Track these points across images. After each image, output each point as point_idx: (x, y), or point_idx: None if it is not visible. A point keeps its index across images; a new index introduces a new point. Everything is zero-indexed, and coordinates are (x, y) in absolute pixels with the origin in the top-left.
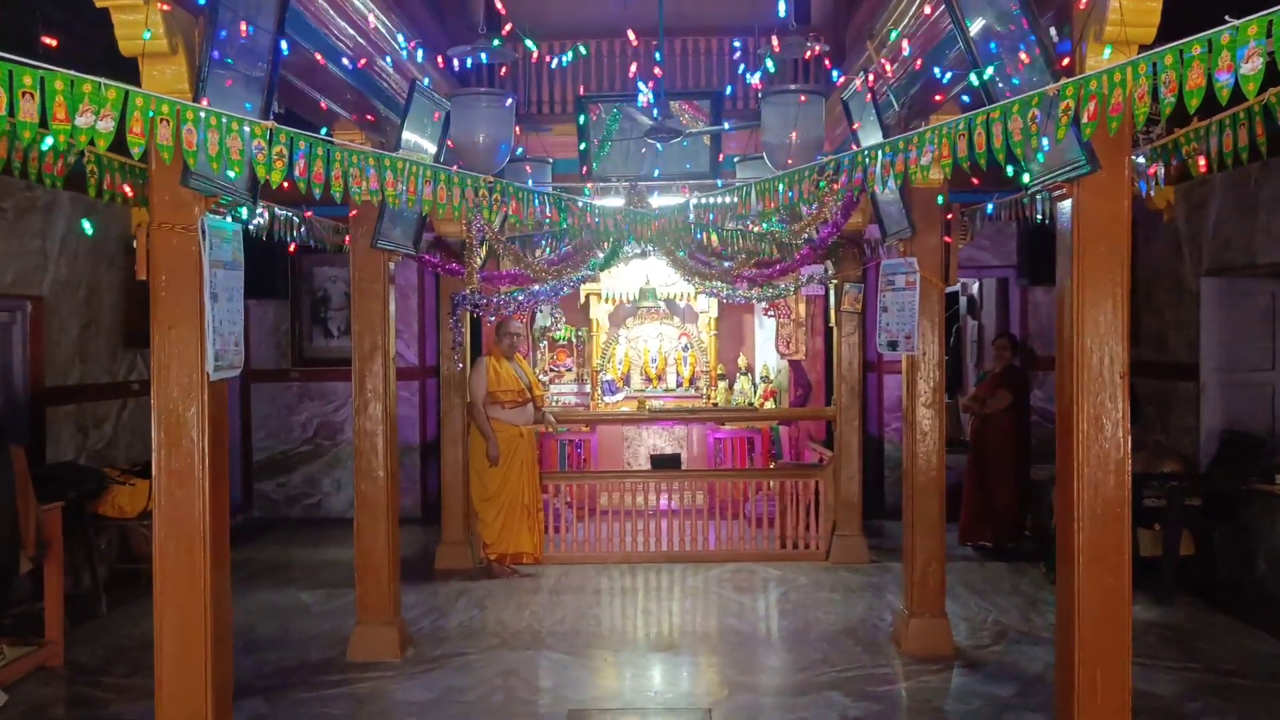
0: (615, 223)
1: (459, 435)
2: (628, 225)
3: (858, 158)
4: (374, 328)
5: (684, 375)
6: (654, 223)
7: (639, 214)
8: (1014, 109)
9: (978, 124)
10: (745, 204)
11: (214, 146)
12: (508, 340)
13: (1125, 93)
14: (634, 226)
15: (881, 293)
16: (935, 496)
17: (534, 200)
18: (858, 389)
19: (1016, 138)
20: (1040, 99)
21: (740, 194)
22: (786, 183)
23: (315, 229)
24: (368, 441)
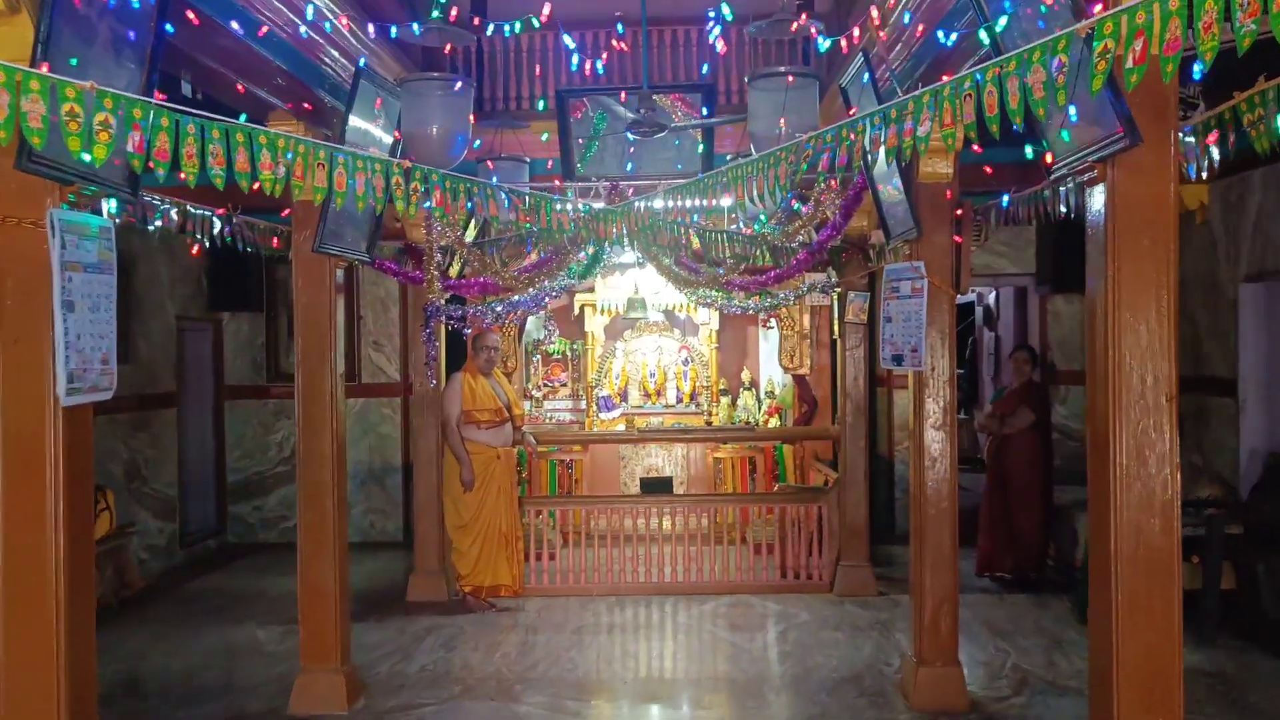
0: (574, 221)
1: (433, 457)
2: (586, 224)
3: (842, 132)
4: (320, 343)
5: (684, 391)
6: (618, 221)
7: (603, 211)
8: (1034, 56)
9: (988, 80)
10: (712, 194)
11: (73, 123)
12: (484, 355)
13: (1186, 21)
14: (595, 225)
15: (885, 301)
16: (947, 530)
17: (463, 192)
18: (864, 407)
19: (1038, 94)
20: (1069, 41)
21: (708, 183)
22: (759, 166)
23: (245, 231)
24: (313, 468)
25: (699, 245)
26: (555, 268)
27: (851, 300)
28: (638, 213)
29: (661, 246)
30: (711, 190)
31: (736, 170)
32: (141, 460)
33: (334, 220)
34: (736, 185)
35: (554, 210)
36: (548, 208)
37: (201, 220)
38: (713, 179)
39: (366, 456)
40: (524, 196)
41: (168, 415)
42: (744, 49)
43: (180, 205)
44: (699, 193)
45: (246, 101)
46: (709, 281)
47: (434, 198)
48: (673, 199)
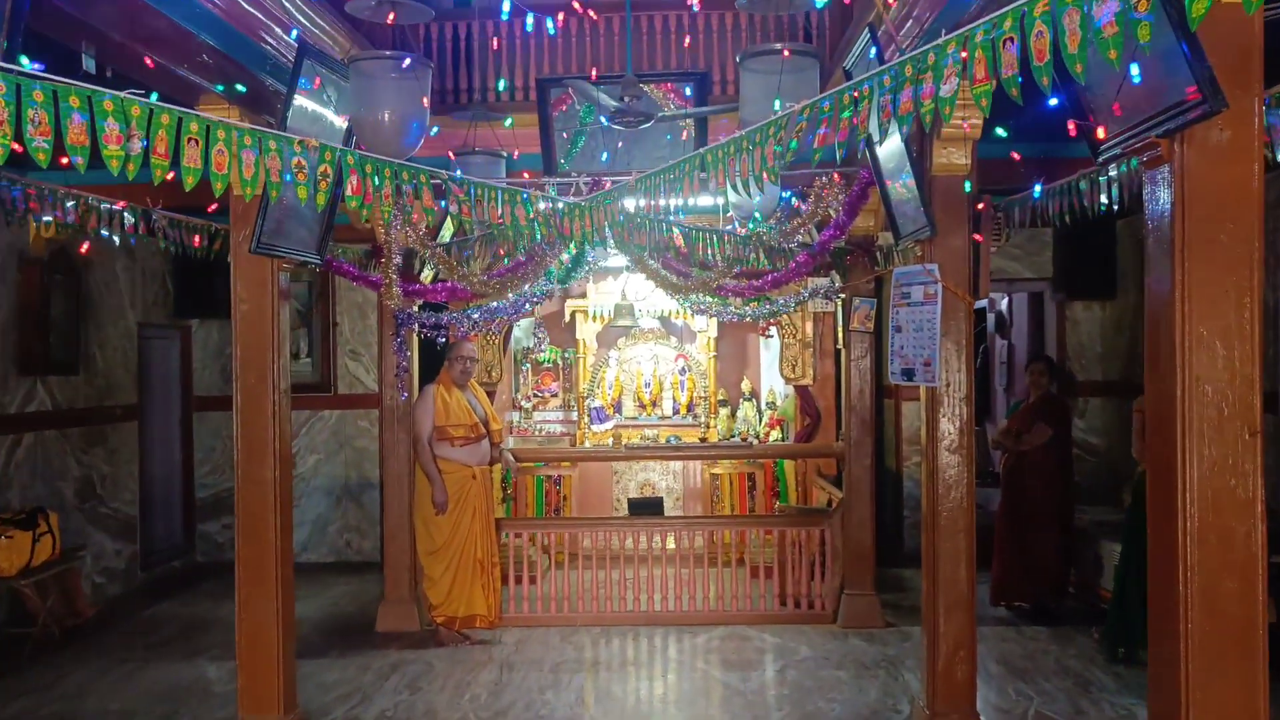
0: (532, 218)
1: (403, 476)
2: (548, 220)
3: (843, 98)
4: (259, 355)
5: (681, 402)
6: (586, 216)
7: (568, 205)
8: None
9: (1035, 15)
10: (690, 184)
11: None
12: (460, 366)
13: None
14: (560, 221)
15: (894, 308)
16: (964, 566)
17: (389, 179)
18: (870, 421)
19: (1109, 31)
20: None
21: (684, 170)
22: (741, 146)
23: (168, 230)
24: (252, 495)
25: (684, 244)
26: (532, 272)
27: (857, 307)
28: (609, 207)
29: (643, 247)
30: (688, 178)
31: (715, 153)
32: (97, 478)
33: (276, 216)
34: (716, 170)
35: (504, 204)
36: (499, 201)
37: (109, 215)
38: (689, 163)
39: (342, 471)
40: (466, 187)
41: (128, 429)
42: (739, 34)
43: (80, 198)
44: (673, 181)
45: (167, 82)
46: (700, 286)
47: (349, 185)
48: (647, 193)
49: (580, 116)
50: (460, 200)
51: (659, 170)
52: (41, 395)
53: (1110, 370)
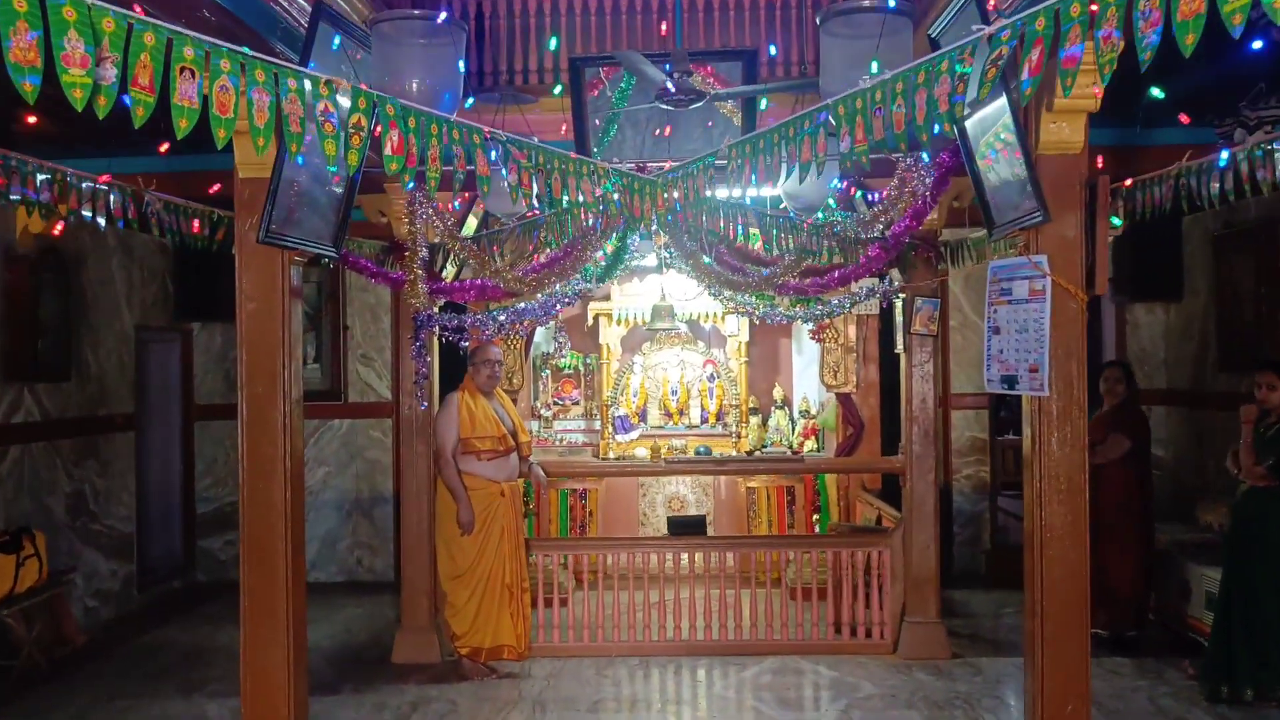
0: (600, 197)
1: (423, 491)
2: (616, 199)
3: (963, 54)
4: (268, 361)
5: (710, 410)
6: (660, 195)
7: (642, 181)
8: None
9: None
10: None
11: None
12: (486, 371)
13: None
14: (630, 201)
15: (991, 307)
16: (1077, 621)
17: (435, 136)
18: (934, 433)
19: None
20: None
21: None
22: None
23: (162, 215)
24: (260, 519)
25: (744, 241)
26: (569, 268)
27: (919, 308)
28: (690, 182)
29: (712, 234)
30: (777, 150)
31: (798, 125)
32: (90, 492)
33: (288, 202)
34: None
35: (572, 174)
36: (566, 171)
37: (91, 194)
38: (776, 132)
39: (353, 485)
40: (530, 153)
41: (123, 440)
42: (788, 10)
43: (56, 172)
44: (762, 151)
45: None
46: (759, 284)
47: (389, 143)
48: (718, 173)
49: (614, 101)
50: (523, 168)
51: (742, 141)
52: (29, 404)
53: (1176, 377)
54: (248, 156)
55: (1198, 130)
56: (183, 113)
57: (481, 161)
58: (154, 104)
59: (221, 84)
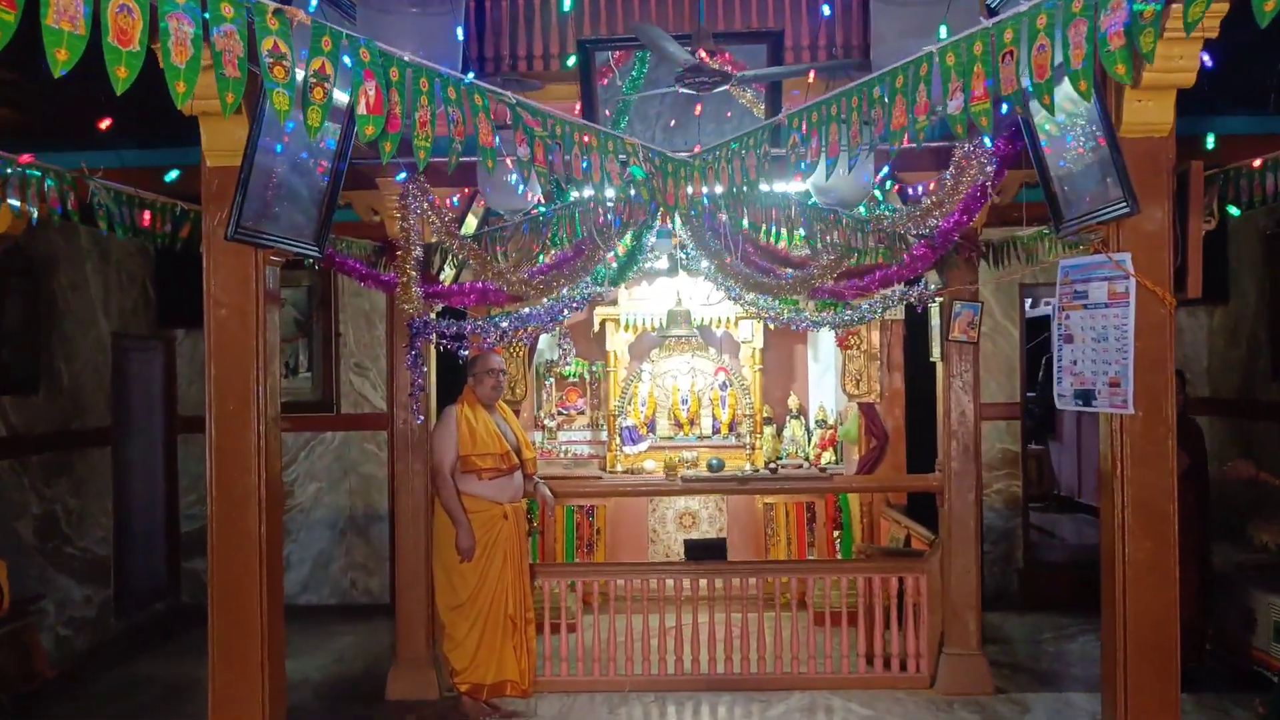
0: (627, 179)
1: (419, 512)
2: (644, 184)
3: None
4: (240, 374)
5: (722, 420)
6: (695, 178)
7: (676, 163)
8: None
9: None
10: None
11: None
12: (488, 382)
13: None
14: (663, 186)
15: (1062, 312)
16: (1166, 668)
17: (425, 93)
18: (975, 448)
19: None
20: None
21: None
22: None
23: (108, 208)
24: (232, 552)
25: (771, 239)
26: (579, 269)
27: (958, 313)
28: (733, 166)
29: (752, 226)
30: (854, 114)
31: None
32: (62, 513)
33: (262, 194)
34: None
35: (595, 150)
36: (588, 146)
37: (20, 181)
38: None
39: (347, 501)
40: (544, 120)
41: (99, 456)
42: None
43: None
44: (834, 119)
45: None
46: (790, 288)
47: (362, 99)
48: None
49: (624, 90)
50: (537, 137)
51: (810, 106)
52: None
53: (1223, 386)
54: (216, 140)
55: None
56: (56, 39)
57: (485, 129)
58: (13, 24)
59: (121, 2)
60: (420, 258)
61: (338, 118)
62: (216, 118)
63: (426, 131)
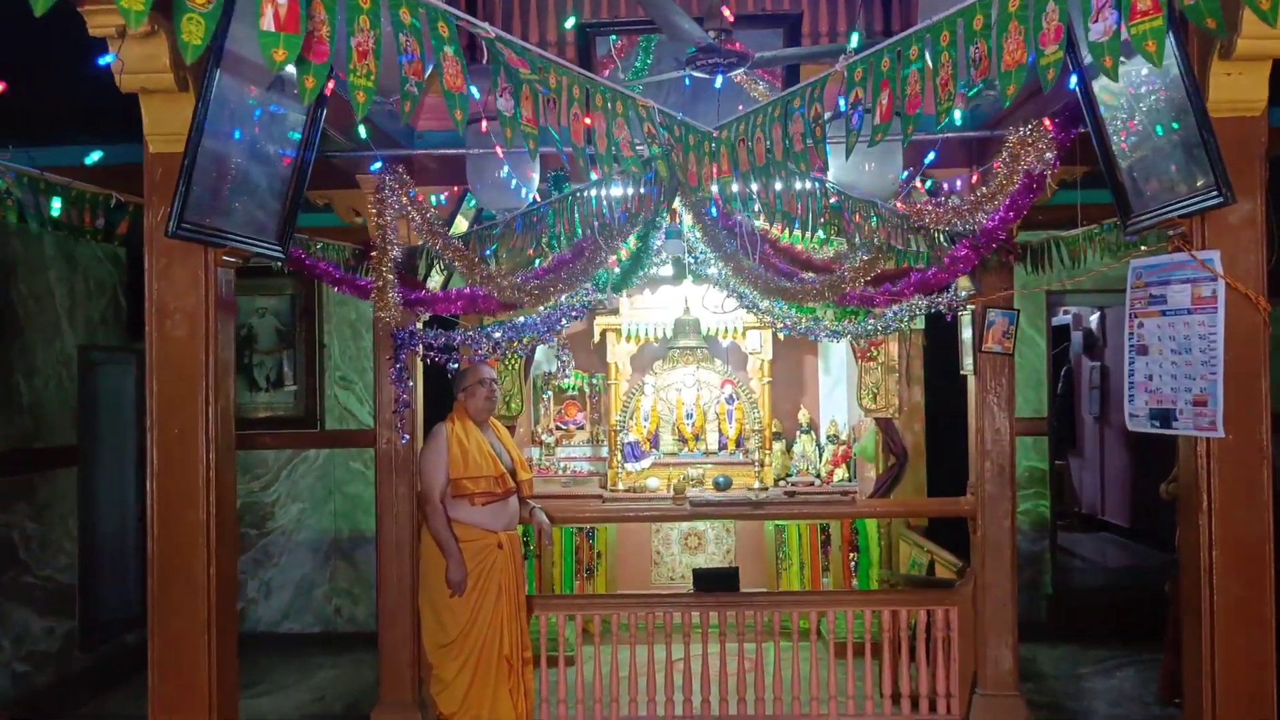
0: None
1: (405, 542)
2: (666, 157)
3: None
4: (187, 393)
5: (729, 435)
6: (724, 154)
7: (704, 136)
8: None
9: None
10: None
11: None
12: (482, 393)
13: None
14: (680, 158)
15: (1134, 320)
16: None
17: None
18: (1011, 469)
19: None
20: None
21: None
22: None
23: (18, 196)
24: (177, 609)
25: (790, 239)
26: (579, 273)
27: (992, 321)
28: (757, 139)
29: (786, 215)
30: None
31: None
32: (20, 540)
33: (213, 184)
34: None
35: (601, 109)
36: (591, 104)
37: None
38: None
39: (331, 523)
40: (534, 62)
41: (64, 477)
42: None
43: None
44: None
45: None
46: (816, 294)
47: (271, 7)
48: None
49: (627, 80)
50: (524, 82)
51: (876, 50)
52: None
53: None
54: (159, 121)
55: None
56: None
57: (451, 68)
58: None
59: None
60: (399, 259)
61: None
62: (159, 96)
63: (368, 66)
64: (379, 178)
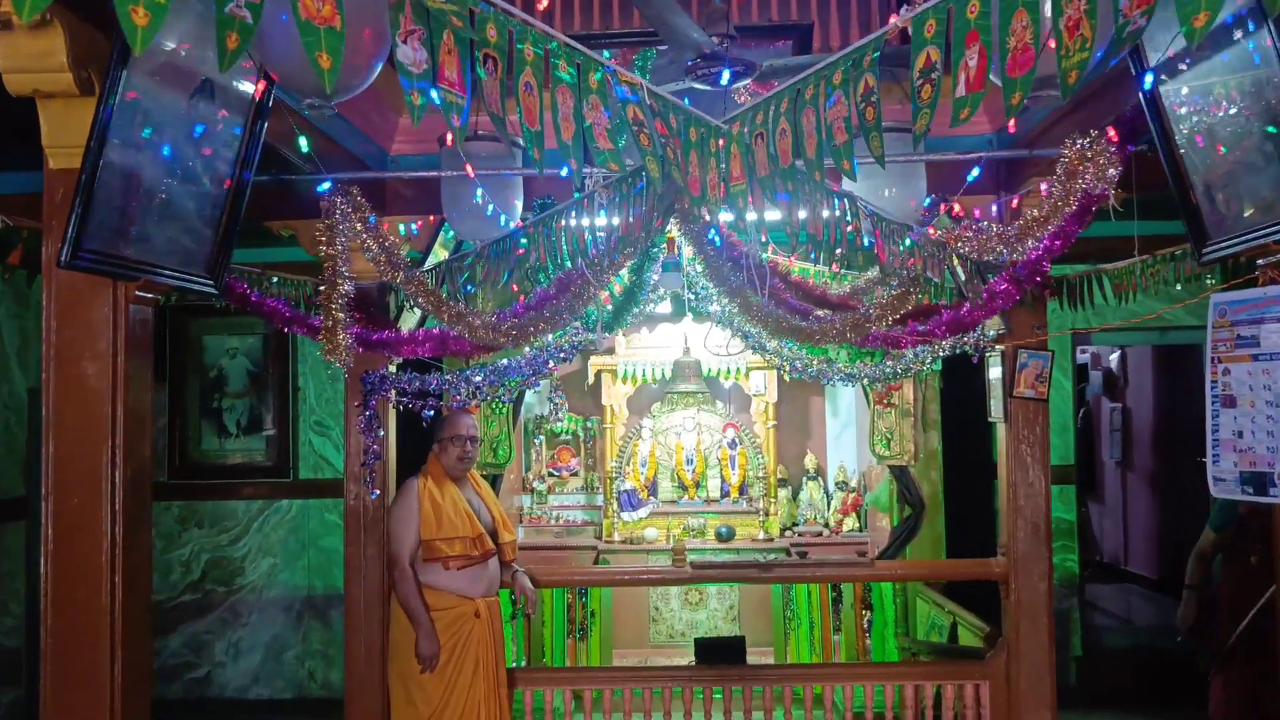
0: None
1: (375, 606)
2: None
3: None
4: (88, 453)
5: (731, 482)
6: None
7: (707, 122)
8: None
9: None
10: None
11: None
12: (458, 450)
13: None
14: (679, 154)
15: (1218, 365)
16: None
17: None
18: (1047, 527)
19: None
20: None
21: None
22: None
23: None
24: (69, 700)
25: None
26: (562, 311)
27: (1024, 364)
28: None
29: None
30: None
31: None
32: None
33: (119, 205)
34: None
35: (565, 78)
36: (553, 67)
37: None
38: None
39: (305, 580)
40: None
41: (10, 532)
42: None
43: None
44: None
45: None
46: (839, 332)
47: None
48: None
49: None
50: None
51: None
52: None
53: None
54: (60, 132)
55: None
56: None
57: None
58: None
59: None
60: (349, 293)
61: (239, 109)
62: (58, 101)
63: None
64: (328, 200)
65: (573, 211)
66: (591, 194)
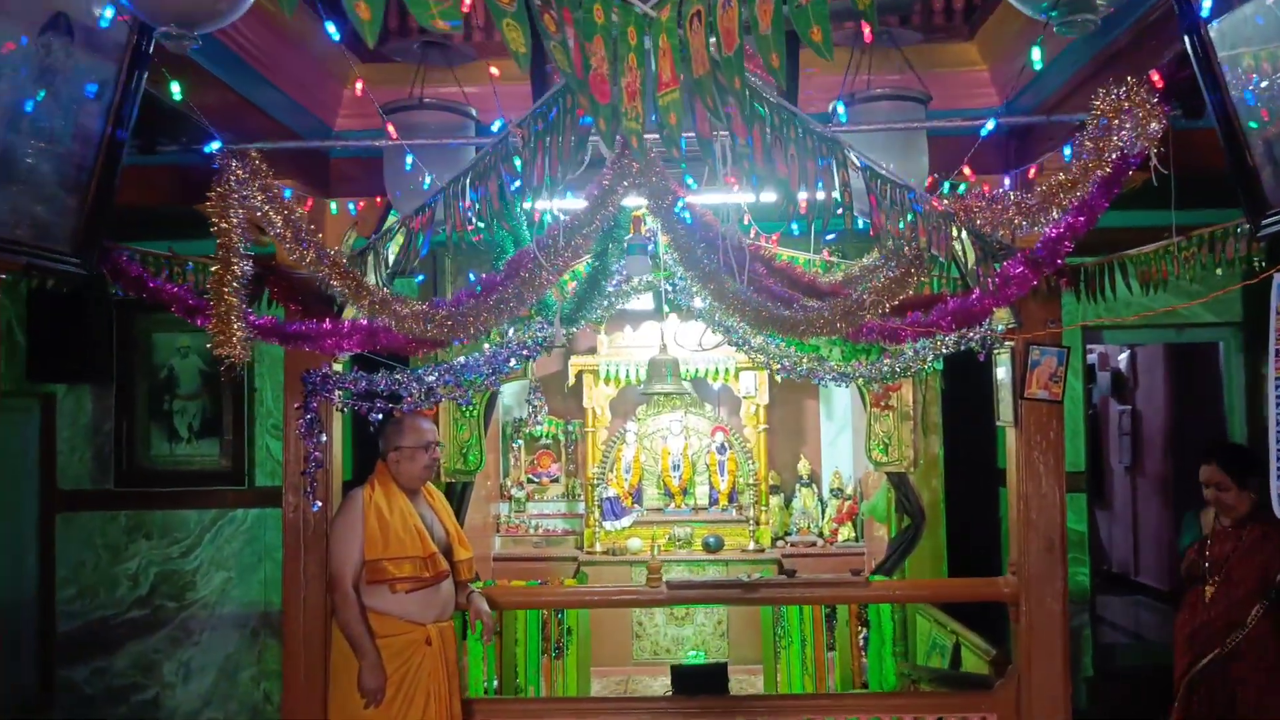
0: None
1: (316, 631)
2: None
3: None
4: None
5: (720, 489)
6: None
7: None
8: None
9: None
10: None
11: None
12: (423, 460)
13: None
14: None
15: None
16: None
17: None
18: (1059, 542)
19: None
20: None
21: None
22: None
23: None
24: None
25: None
26: (514, 297)
27: (1037, 362)
28: None
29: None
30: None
31: None
32: None
33: None
34: None
35: None
36: None
37: None
38: None
39: (261, 594)
40: None
41: None
42: None
43: None
44: None
45: None
46: (828, 322)
47: None
48: None
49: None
50: None
51: None
52: None
53: None
54: None
55: None
56: None
57: None
58: None
59: None
60: (246, 274)
61: (110, 53)
62: None
63: None
64: (222, 158)
65: (483, 164)
66: (504, 138)
